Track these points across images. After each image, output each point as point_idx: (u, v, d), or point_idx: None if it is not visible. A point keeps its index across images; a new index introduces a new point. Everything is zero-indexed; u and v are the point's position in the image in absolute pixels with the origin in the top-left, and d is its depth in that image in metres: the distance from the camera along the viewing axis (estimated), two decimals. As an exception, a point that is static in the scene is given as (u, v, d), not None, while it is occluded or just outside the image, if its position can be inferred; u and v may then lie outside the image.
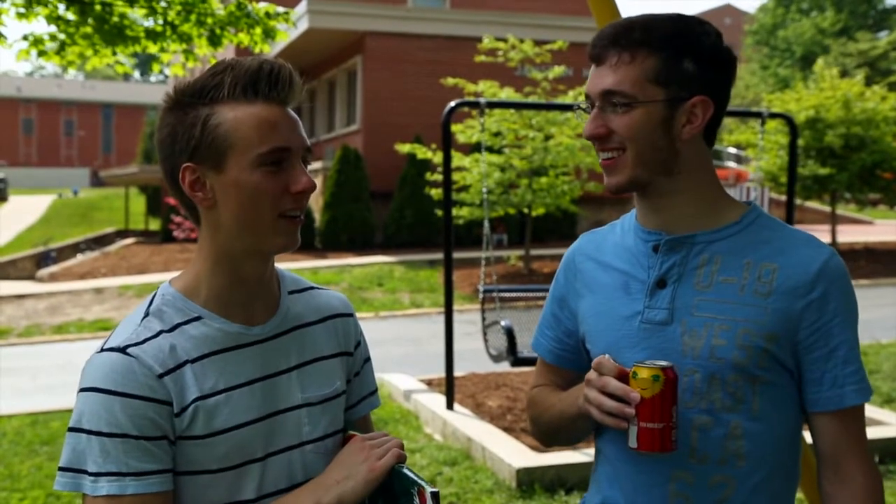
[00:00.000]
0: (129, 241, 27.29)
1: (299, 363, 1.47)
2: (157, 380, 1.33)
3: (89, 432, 1.31)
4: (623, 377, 1.45)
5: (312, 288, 1.58)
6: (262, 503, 1.41)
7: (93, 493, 1.30)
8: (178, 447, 1.36)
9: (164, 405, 1.33)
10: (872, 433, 5.54)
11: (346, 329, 1.58)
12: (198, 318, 1.40)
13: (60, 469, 1.34)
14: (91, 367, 1.35)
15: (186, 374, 1.36)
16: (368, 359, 1.64)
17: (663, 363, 1.44)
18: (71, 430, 1.34)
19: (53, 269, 22.03)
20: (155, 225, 31.76)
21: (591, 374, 1.48)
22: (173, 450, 1.35)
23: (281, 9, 5.55)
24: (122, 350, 1.34)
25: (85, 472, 1.31)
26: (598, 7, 2.72)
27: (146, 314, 1.40)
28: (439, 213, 7.10)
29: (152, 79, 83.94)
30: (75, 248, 28.16)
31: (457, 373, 7.22)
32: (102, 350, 1.36)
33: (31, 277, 22.54)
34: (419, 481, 1.34)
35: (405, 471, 1.37)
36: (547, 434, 1.73)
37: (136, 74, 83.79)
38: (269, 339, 1.45)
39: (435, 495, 1.31)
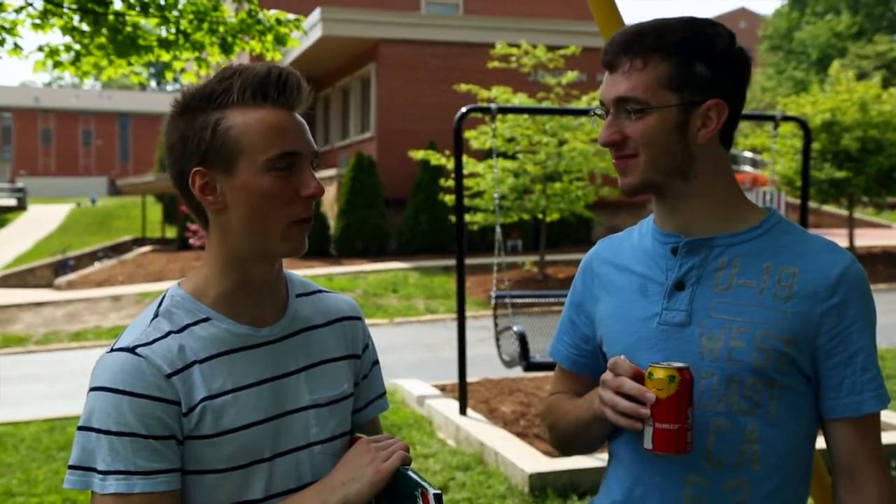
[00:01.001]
0: (146, 248, 27.45)
1: (307, 365, 1.49)
2: (165, 380, 1.35)
3: (98, 431, 1.33)
4: (639, 378, 1.44)
5: (320, 291, 1.60)
6: (269, 503, 1.42)
7: (101, 490, 1.32)
8: (187, 447, 1.37)
9: (172, 405, 1.35)
10: (890, 438, 5.50)
11: (353, 332, 1.59)
12: (206, 320, 1.42)
13: (70, 467, 1.35)
14: (101, 366, 1.37)
15: (195, 375, 1.37)
16: (377, 362, 1.65)
17: (679, 364, 1.43)
18: (81, 428, 1.36)
19: (71, 277, 22.19)
20: (171, 233, 31.94)
21: (607, 375, 1.48)
22: (181, 449, 1.37)
23: (291, 15, 5.59)
24: (132, 350, 1.36)
25: (94, 470, 1.33)
26: (600, 13, 2.74)
27: (155, 315, 1.42)
28: (453, 219, 7.14)
29: (168, 88, 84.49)
30: (93, 257, 28.33)
31: (470, 378, 7.23)
32: (112, 350, 1.38)
33: (49, 285, 22.71)
34: (423, 483, 1.35)
35: (409, 473, 1.38)
36: (563, 441, 1.73)
37: (153, 84, 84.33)
38: (277, 340, 1.46)
39: (438, 497, 1.32)
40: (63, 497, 5.40)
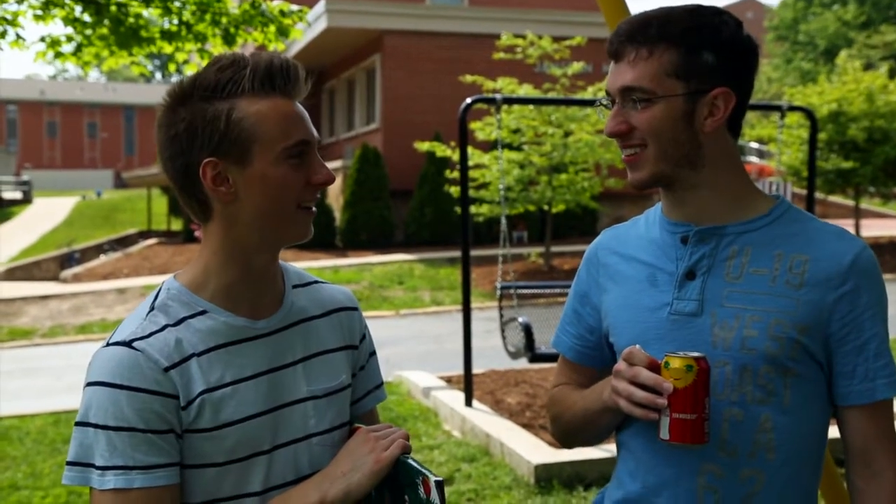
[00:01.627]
0: (152, 241, 27.47)
1: (305, 356, 1.48)
2: (163, 373, 1.34)
3: (96, 426, 1.32)
4: (654, 367, 1.43)
5: (316, 282, 1.59)
6: (268, 495, 1.41)
7: (100, 486, 1.31)
8: (186, 440, 1.36)
9: (170, 398, 1.34)
10: None
11: (350, 323, 1.58)
12: (203, 312, 1.40)
13: (68, 463, 1.34)
14: (97, 361, 1.36)
15: (192, 368, 1.36)
16: (374, 352, 1.64)
17: (696, 353, 1.42)
18: (78, 424, 1.35)
19: (77, 269, 22.23)
20: (177, 225, 31.97)
21: (621, 365, 1.46)
22: (180, 443, 1.36)
23: (295, 7, 5.58)
24: (128, 344, 1.35)
25: (92, 465, 1.32)
26: (606, 3, 2.71)
27: (151, 308, 1.40)
28: (459, 210, 7.14)
29: (173, 80, 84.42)
30: (98, 249, 28.38)
31: (476, 370, 7.22)
32: (108, 344, 1.37)
33: (55, 278, 22.74)
34: (424, 471, 1.34)
35: (410, 461, 1.37)
36: (568, 433, 1.71)
37: (158, 76, 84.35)
38: (274, 332, 1.45)
39: (439, 484, 1.31)
40: (68, 490, 5.40)
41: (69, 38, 5.46)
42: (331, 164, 21.52)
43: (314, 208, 1.43)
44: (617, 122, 1.52)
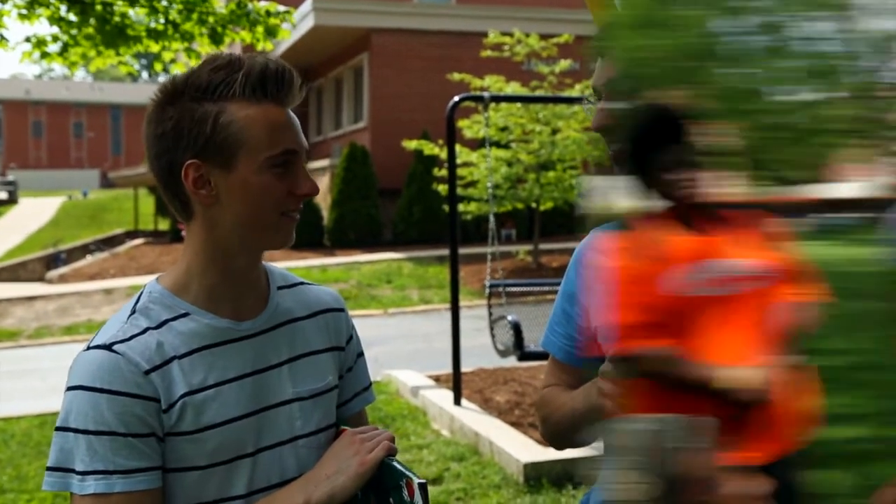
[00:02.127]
0: (139, 241, 27.40)
1: (290, 358, 1.46)
2: (143, 376, 1.32)
3: (76, 431, 1.30)
4: None
5: (302, 283, 1.57)
6: (253, 498, 1.39)
7: (80, 491, 1.30)
8: (168, 444, 1.34)
9: (151, 402, 1.32)
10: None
11: (337, 324, 1.56)
12: (185, 315, 1.39)
13: (48, 469, 1.33)
14: (78, 365, 1.34)
15: (174, 370, 1.34)
16: (361, 354, 1.63)
17: None
18: (58, 429, 1.33)
19: (63, 270, 22.14)
20: (164, 225, 31.86)
21: (607, 366, 1.46)
22: (162, 447, 1.34)
23: (282, 7, 5.55)
24: (108, 347, 1.33)
25: (73, 471, 1.30)
26: (593, 1, 2.70)
27: (133, 312, 1.39)
28: (447, 208, 7.15)
29: (160, 79, 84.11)
30: (85, 250, 28.27)
31: (465, 368, 7.21)
32: (89, 348, 1.35)
33: (41, 279, 22.64)
34: (407, 473, 1.34)
35: (394, 463, 1.37)
36: (557, 434, 1.71)
37: (144, 75, 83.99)
38: (258, 333, 1.43)
39: (422, 486, 1.31)
40: (53, 493, 5.36)
41: (55, 38, 5.42)
42: (318, 163, 21.51)
43: (297, 215, 1.42)
44: (604, 115, 1.51)
